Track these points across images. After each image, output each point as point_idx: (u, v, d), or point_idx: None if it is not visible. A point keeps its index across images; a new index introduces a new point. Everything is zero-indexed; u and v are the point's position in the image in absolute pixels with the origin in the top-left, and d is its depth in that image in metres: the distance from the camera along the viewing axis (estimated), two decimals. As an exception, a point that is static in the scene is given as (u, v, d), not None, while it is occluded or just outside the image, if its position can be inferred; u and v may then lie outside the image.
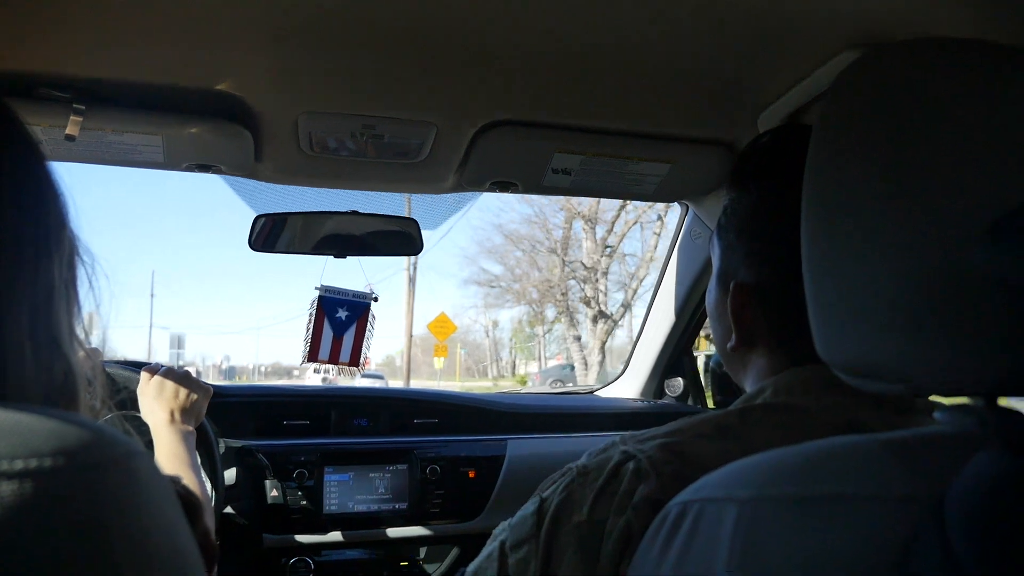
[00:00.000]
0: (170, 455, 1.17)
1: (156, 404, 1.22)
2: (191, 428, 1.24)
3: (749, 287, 0.75)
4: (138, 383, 1.26)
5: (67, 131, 1.14)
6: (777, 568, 0.42)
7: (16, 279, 0.48)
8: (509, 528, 0.73)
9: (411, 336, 20.87)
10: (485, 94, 1.18)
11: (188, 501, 0.74)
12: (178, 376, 1.26)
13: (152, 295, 37.29)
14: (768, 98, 1.20)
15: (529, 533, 0.69)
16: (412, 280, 20.78)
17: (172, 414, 1.22)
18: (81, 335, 0.58)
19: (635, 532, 0.60)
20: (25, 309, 0.49)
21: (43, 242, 0.51)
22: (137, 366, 1.33)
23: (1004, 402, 0.43)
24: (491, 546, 0.74)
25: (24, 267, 0.49)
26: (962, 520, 0.36)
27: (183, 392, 1.25)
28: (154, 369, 1.27)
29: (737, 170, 0.82)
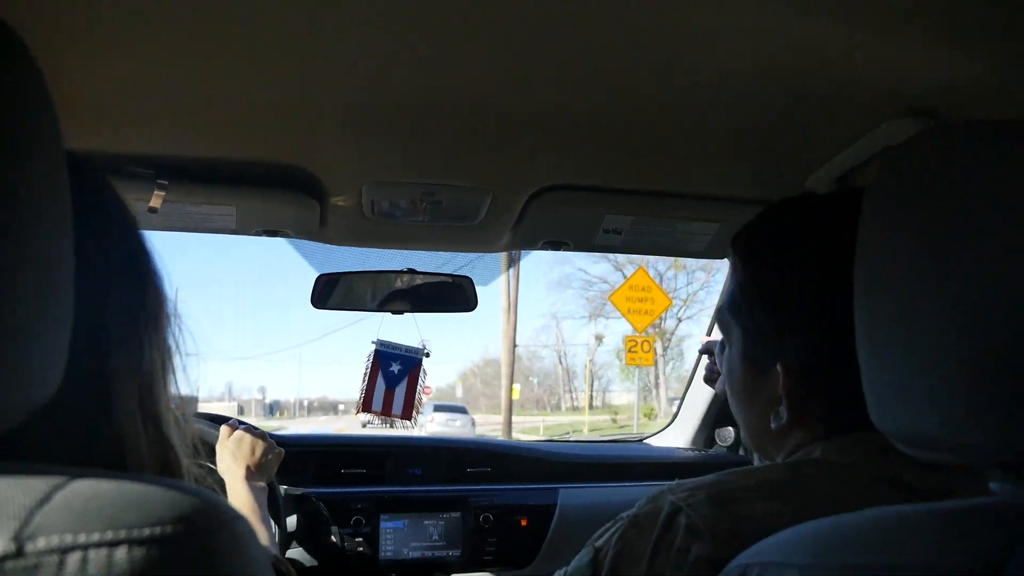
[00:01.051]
0: (243, 509, 1.22)
1: (233, 459, 1.29)
2: (263, 484, 1.30)
3: (799, 369, 0.73)
4: (216, 437, 1.33)
5: (150, 204, 1.22)
6: None
7: (127, 361, 0.52)
8: None
9: (514, 345, 17.60)
10: (539, 162, 1.23)
11: (278, 570, 0.78)
12: (255, 434, 1.33)
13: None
14: (818, 161, 1.22)
15: None
16: (515, 260, 14.69)
17: (248, 470, 1.28)
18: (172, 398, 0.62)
19: None
20: (135, 388, 0.53)
21: (146, 322, 0.55)
22: (215, 420, 1.39)
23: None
24: None
25: (132, 348, 0.53)
26: None
27: (259, 449, 1.31)
28: (234, 426, 1.34)
29: (748, 242, 0.80)
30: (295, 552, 1.60)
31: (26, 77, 0.39)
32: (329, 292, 1.60)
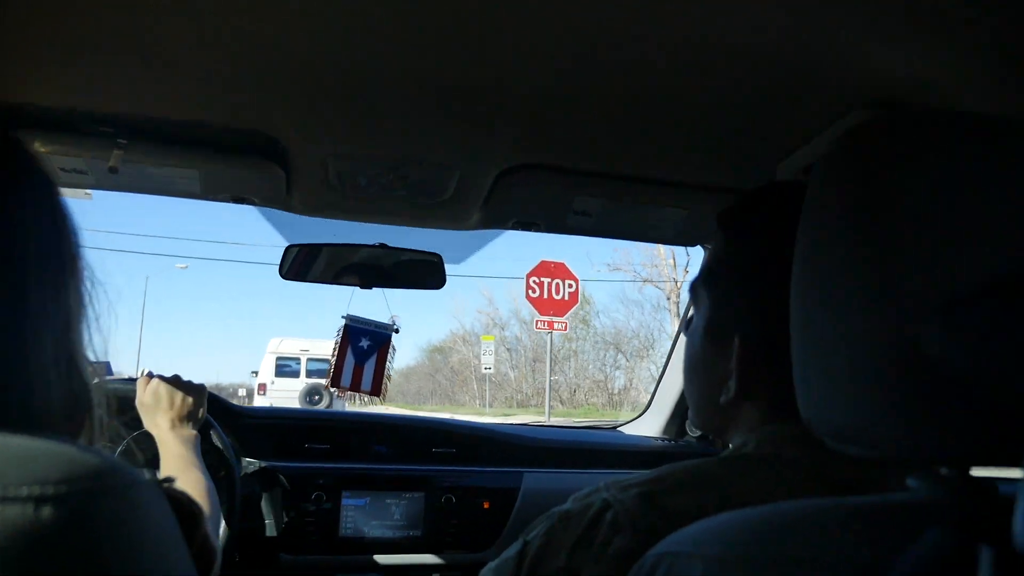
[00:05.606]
0: (175, 458, 1.22)
1: (155, 414, 1.28)
2: (193, 432, 1.29)
3: (757, 340, 0.73)
4: (134, 393, 1.31)
5: (110, 163, 1.21)
6: None
7: (41, 309, 0.52)
8: (493, 569, 0.75)
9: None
10: (505, 140, 1.22)
11: (188, 510, 0.78)
12: (171, 382, 1.31)
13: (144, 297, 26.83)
14: (786, 149, 1.21)
15: (510, 575, 0.71)
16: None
17: (172, 422, 1.27)
18: (88, 352, 0.61)
19: None
20: (49, 337, 0.52)
21: (61, 270, 0.55)
22: (132, 381, 1.36)
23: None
24: None
25: (47, 296, 0.53)
26: None
27: (178, 397, 1.29)
28: (149, 376, 1.32)
29: (734, 218, 0.81)
30: (252, 525, 1.60)
31: None
32: (298, 263, 1.59)
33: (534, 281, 12.26)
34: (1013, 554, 0.34)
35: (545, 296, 12.29)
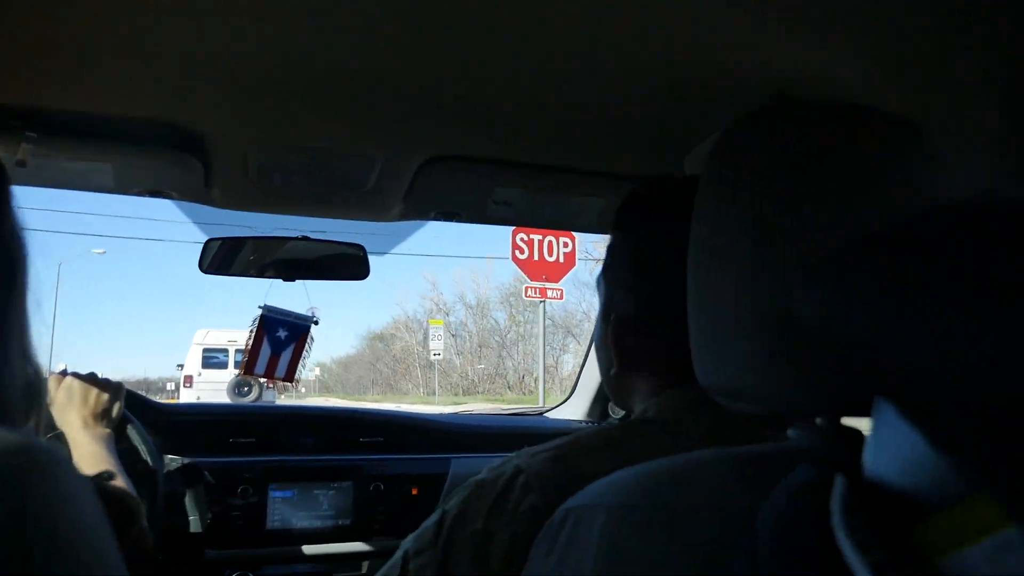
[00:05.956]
0: (88, 456, 1.18)
1: (67, 412, 1.24)
2: (107, 431, 1.26)
3: (630, 318, 0.82)
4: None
5: (17, 157, 1.18)
6: (632, 570, 0.48)
7: (5, 308, 0.54)
8: (414, 538, 0.80)
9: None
10: (425, 131, 1.24)
11: (125, 504, 0.78)
12: (83, 378, 1.27)
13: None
14: (693, 141, 1.27)
15: (429, 541, 0.76)
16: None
17: (84, 420, 1.23)
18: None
19: (521, 539, 0.68)
20: (12, 334, 0.55)
21: (22, 268, 0.57)
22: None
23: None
24: (397, 554, 0.80)
25: (16, 297, 0.56)
26: (766, 528, 0.41)
27: (92, 395, 1.26)
28: (63, 374, 1.28)
29: (620, 215, 0.90)
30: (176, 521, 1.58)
31: None
32: (219, 257, 1.58)
33: (521, 239, 10.11)
34: (862, 481, 0.40)
35: (535, 258, 10.28)
